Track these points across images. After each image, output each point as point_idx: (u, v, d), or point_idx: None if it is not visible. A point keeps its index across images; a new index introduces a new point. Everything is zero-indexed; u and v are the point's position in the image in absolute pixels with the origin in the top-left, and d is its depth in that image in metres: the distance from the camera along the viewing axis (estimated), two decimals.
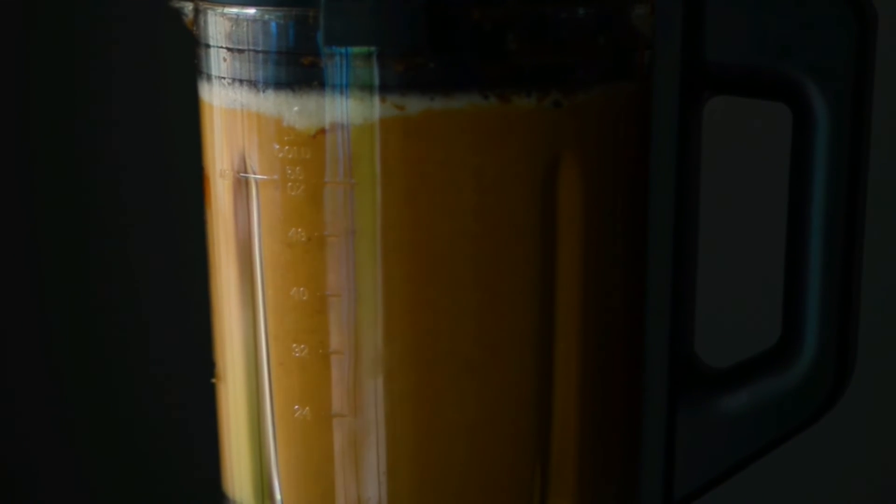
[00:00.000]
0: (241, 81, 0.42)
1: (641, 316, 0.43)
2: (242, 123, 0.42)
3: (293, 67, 0.41)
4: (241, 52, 0.42)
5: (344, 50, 0.40)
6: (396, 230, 0.41)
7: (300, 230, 0.42)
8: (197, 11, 0.44)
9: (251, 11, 0.42)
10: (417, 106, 0.40)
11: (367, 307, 0.41)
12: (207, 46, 0.44)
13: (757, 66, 0.42)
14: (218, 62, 0.43)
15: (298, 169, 0.41)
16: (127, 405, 0.87)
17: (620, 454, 0.44)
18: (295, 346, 0.43)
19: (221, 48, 0.43)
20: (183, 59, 0.47)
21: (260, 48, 0.42)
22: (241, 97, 0.42)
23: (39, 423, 0.87)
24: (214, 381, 0.47)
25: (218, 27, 0.43)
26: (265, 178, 0.42)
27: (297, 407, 0.43)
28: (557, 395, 0.43)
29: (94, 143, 0.83)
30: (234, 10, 0.42)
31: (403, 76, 0.40)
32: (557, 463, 0.43)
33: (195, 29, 0.44)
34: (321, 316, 0.42)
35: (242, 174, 0.43)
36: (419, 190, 0.41)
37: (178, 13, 0.45)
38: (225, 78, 0.43)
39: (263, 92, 0.42)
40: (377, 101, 0.40)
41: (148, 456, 0.87)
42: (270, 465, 0.44)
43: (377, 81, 0.40)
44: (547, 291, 0.42)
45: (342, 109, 0.41)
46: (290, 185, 0.42)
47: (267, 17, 0.41)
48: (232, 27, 0.42)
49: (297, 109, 0.41)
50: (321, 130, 0.41)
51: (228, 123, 0.43)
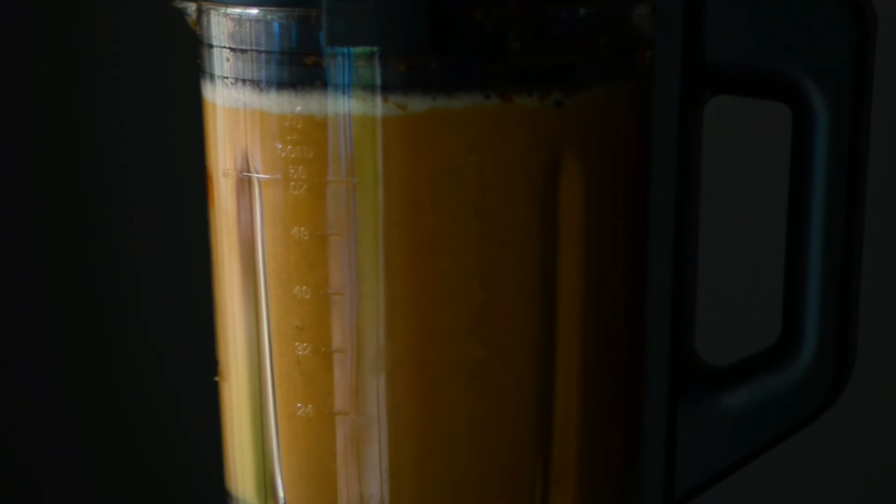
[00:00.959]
0: (244, 81, 0.42)
1: (642, 314, 0.43)
2: (245, 123, 0.43)
3: (296, 67, 0.41)
4: (243, 52, 0.42)
5: (346, 50, 0.40)
6: (398, 229, 0.41)
7: (303, 229, 0.42)
8: (200, 12, 0.44)
9: (254, 12, 0.42)
10: (419, 105, 0.40)
11: (369, 305, 0.42)
12: (210, 46, 0.44)
13: (757, 66, 0.42)
14: (221, 62, 0.43)
15: (301, 168, 0.41)
16: (130, 403, 0.87)
17: (621, 452, 0.44)
18: (297, 344, 0.43)
19: (224, 48, 0.43)
20: (186, 58, 0.47)
21: (263, 48, 0.42)
22: (244, 97, 0.42)
23: (42, 420, 0.87)
24: (217, 379, 0.47)
25: (221, 27, 0.43)
26: (268, 177, 0.42)
27: (299, 405, 0.43)
28: (558, 392, 0.43)
29: (97, 142, 0.83)
30: (237, 10, 0.42)
31: (405, 76, 0.40)
32: (558, 460, 0.43)
33: (198, 29, 0.44)
34: (323, 314, 0.42)
35: (245, 173, 0.43)
36: (421, 189, 0.41)
37: (181, 13, 0.45)
38: (228, 78, 0.43)
39: (266, 92, 0.42)
40: (379, 100, 0.40)
41: (151, 454, 0.87)
42: (273, 462, 0.44)
43: (379, 81, 0.40)
44: (548, 289, 0.42)
45: (344, 109, 0.41)
46: (292, 184, 0.42)
47: (270, 17, 0.42)
48: (235, 27, 0.42)
49: (299, 109, 0.41)
50: (324, 130, 0.41)
51: (231, 123, 0.43)
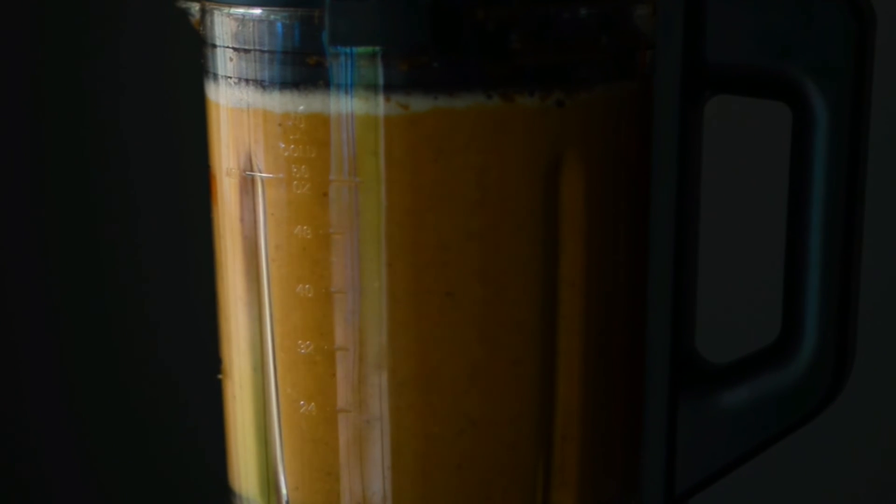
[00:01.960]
0: (247, 81, 0.43)
1: (643, 313, 0.43)
2: (248, 122, 0.43)
3: (299, 67, 0.41)
4: (247, 51, 0.42)
5: (349, 50, 0.40)
6: (400, 228, 0.41)
7: (305, 228, 0.42)
8: (203, 12, 0.44)
9: (257, 12, 0.42)
10: (422, 105, 0.40)
11: (371, 304, 0.42)
12: (214, 46, 0.44)
13: (757, 65, 0.42)
14: (224, 62, 0.43)
15: (304, 167, 0.42)
16: (133, 402, 0.87)
17: (622, 449, 0.45)
18: (300, 342, 0.43)
19: (228, 48, 0.43)
20: (189, 58, 0.47)
21: (266, 48, 0.42)
22: (247, 96, 0.43)
23: (45, 417, 0.87)
24: (221, 377, 0.47)
25: (224, 27, 0.43)
26: (271, 176, 0.42)
27: (302, 402, 0.43)
28: (560, 390, 0.43)
29: (101, 142, 0.83)
30: (240, 10, 0.42)
31: (408, 76, 0.40)
32: (560, 457, 0.43)
33: (202, 29, 0.45)
34: (326, 313, 0.42)
35: (248, 172, 0.43)
36: (423, 188, 0.41)
37: (184, 13, 0.45)
38: (231, 77, 0.43)
39: (269, 91, 0.42)
40: (382, 100, 0.41)
41: (154, 452, 0.87)
42: (276, 460, 0.45)
43: (382, 81, 0.40)
44: (549, 288, 0.42)
45: (347, 108, 0.41)
46: (295, 183, 0.42)
47: (273, 17, 0.42)
48: (238, 27, 0.43)
49: (302, 108, 0.41)
50: (326, 129, 0.41)
51: (235, 122, 0.43)
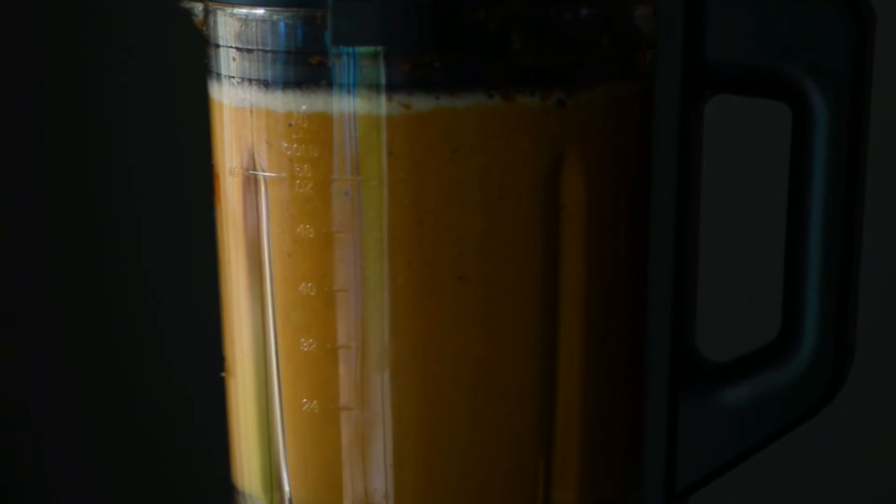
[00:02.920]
0: (250, 80, 0.43)
1: (643, 311, 0.43)
2: (251, 122, 0.43)
3: (301, 67, 0.41)
4: (250, 51, 0.43)
5: (351, 49, 0.41)
6: (402, 226, 0.41)
7: (308, 226, 0.42)
8: (207, 12, 0.44)
9: (260, 12, 0.42)
10: (423, 105, 0.41)
11: (373, 302, 0.42)
12: (217, 46, 0.44)
13: (757, 65, 0.42)
14: (227, 62, 0.44)
15: (306, 166, 0.42)
16: (136, 400, 0.87)
17: (623, 447, 0.45)
18: (303, 340, 0.43)
19: (231, 48, 0.43)
20: (193, 58, 0.47)
21: (269, 48, 0.42)
22: (250, 96, 0.43)
23: (48, 415, 0.87)
24: (224, 375, 0.47)
25: (227, 27, 0.43)
26: (274, 175, 0.42)
27: (304, 400, 0.43)
28: (561, 388, 0.43)
29: (105, 141, 0.84)
30: (243, 10, 0.42)
31: (410, 75, 0.40)
32: (561, 455, 0.43)
33: (205, 29, 0.45)
34: (329, 311, 0.42)
35: (251, 171, 0.43)
36: (425, 187, 0.41)
37: (188, 13, 0.45)
38: (234, 77, 0.43)
39: (272, 91, 0.42)
40: (384, 99, 0.41)
41: (157, 449, 0.87)
42: (279, 457, 0.45)
43: (384, 80, 0.41)
44: (550, 287, 0.42)
45: (349, 108, 0.41)
46: (298, 182, 0.42)
47: (275, 17, 0.42)
48: (241, 27, 0.43)
49: (305, 108, 0.42)
50: (329, 129, 0.41)
51: (238, 122, 0.43)
